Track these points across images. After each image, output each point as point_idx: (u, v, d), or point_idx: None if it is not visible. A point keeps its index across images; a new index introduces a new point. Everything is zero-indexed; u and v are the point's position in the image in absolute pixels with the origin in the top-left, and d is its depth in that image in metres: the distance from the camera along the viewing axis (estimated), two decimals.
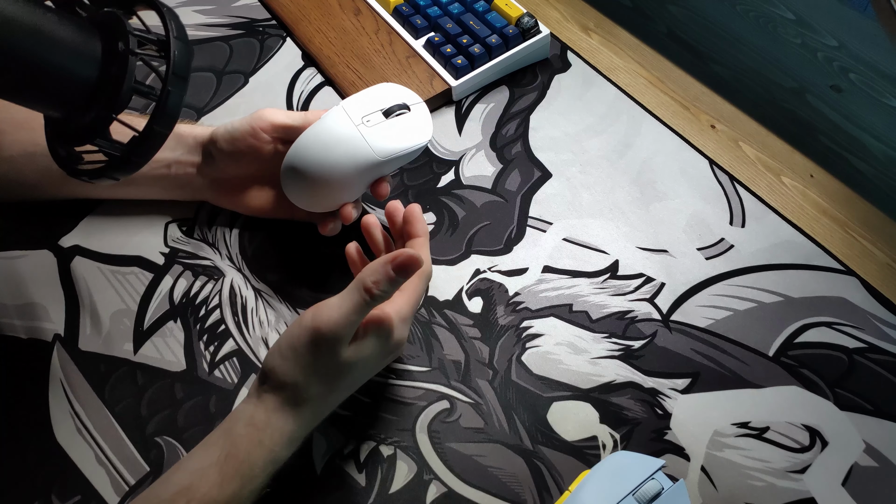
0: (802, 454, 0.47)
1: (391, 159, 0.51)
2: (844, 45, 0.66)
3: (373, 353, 0.44)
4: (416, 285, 0.47)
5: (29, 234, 0.58)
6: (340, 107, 0.51)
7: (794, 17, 0.69)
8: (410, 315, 0.46)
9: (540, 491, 0.46)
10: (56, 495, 0.47)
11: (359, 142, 0.50)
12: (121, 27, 0.37)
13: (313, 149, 0.50)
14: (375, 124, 0.51)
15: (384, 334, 0.44)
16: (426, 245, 0.49)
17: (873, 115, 0.67)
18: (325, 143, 0.50)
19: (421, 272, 0.47)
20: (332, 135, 0.50)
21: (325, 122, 0.51)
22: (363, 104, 0.51)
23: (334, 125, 0.50)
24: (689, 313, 0.54)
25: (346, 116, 0.51)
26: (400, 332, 0.45)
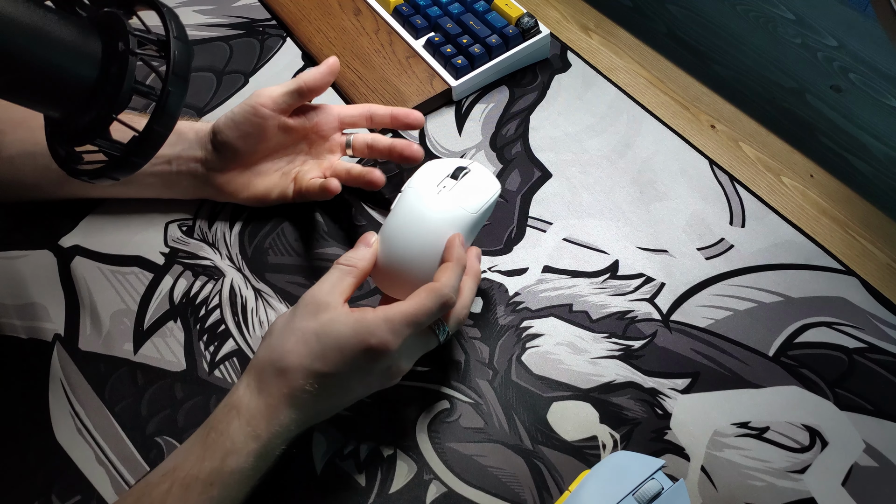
0: (802, 454, 0.47)
1: (480, 214, 0.48)
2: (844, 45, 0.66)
3: (347, 331, 0.41)
4: (419, 296, 0.43)
5: (29, 234, 0.58)
6: (409, 188, 0.48)
7: (795, 18, 0.69)
8: (400, 322, 0.42)
9: (540, 491, 0.46)
10: (56, 495, 0.47)
11: (445, 208, 0.47)
12: (121, 27, 0.37)
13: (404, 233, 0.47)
14: (451, 188, 0.48)
15: (361, 325, 0.42)
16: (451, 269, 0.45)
17: (873, 115, 0.67)
18: (415, 227, 0.46)
19: (429, 287, 0.43)
20: (417, 214, 0.47)
21: (404, 207, 0.47)
22: (429, 177, 0.49)
23: (416, 205, 0.47)
24: (689, 313, 0.54)
25: (422, 190, 0.48)
26: (380, 328, 0.42)
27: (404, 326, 0.42)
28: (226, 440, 0.41)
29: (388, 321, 0.42)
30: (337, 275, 0.45)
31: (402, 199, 0.48)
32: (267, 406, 0.42)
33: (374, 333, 0.41)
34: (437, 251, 0.46)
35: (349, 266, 0.45)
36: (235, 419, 0.41)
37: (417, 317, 0.42)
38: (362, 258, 0.46)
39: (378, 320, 0.42)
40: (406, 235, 0.47)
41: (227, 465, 0.41)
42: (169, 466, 0.41)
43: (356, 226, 0.59)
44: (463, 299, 0.46)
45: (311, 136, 0.58)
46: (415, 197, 0.48)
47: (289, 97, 0.54)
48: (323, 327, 0.42)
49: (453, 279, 0.44)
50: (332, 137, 0.59)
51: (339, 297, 0.43)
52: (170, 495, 0.40)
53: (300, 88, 0.54)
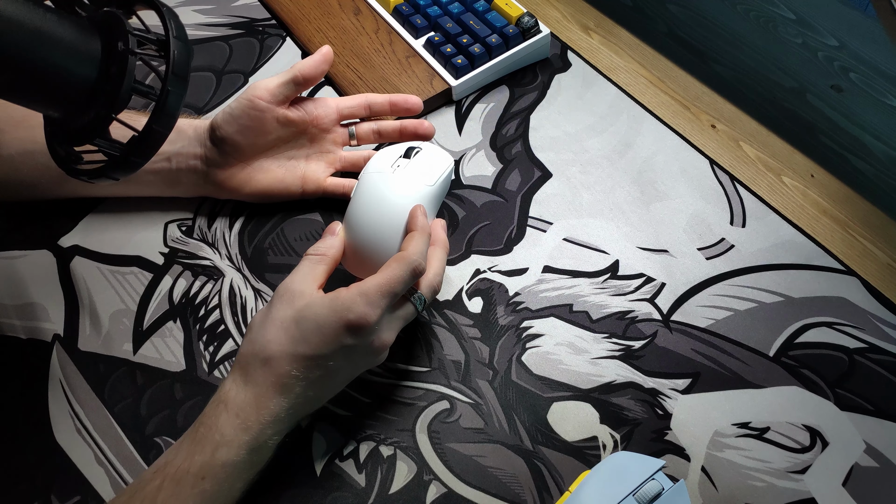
0: (803, 454, 0.47)
1: (435, 188, 0.50)
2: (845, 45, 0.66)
3: (323, 310, 0.42)
4: (388, 266, 0.44)
5: (29, 234, 0.58)
6: (366, 173, 0.50)
7: (795, 17, 0.69)
8: (373, 292, 0.43)
9: (540, 491, 0.46)
10: (55, 495, 0.46)
11: (399, 186, 0.49)
12: (120, 27, 0.37)
13: (366, 220, 0.48)
14: (404, 166, 0.50)
15: (337, 302, 0.42)
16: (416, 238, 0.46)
17: (874, 115, 0.67)
18: (373, 208, 0.48)
19: (397, 256, 0.44)
20: (375, 195, 0.48)
21: (362, 190, 0.49)
22: (383, 159, 0.51)
23: (372, 187, 0.49)
24: (689, 313, 0.53)
25: (376, 174, 0.49)
26: (355, 301, 0.42)
27: (379, 297, 0.43)
28: (215, 433, 0.41)
29: (363, 294, 0.43)
30: (308, 265, 0.46)
31: (360, 184, 0.49)
32: (255, 396, 0.42)
33: (350, 308, 0.42)
34: (401, 227, 0.48)
35: (319, 255, 0.46)
36: (224, 412, 0.42)
37: (391, 286, 0.43)
38: (330, 246, 0.47)
39: (353, 295, 0.43)
40: (370, 217, 0.48)
41: (218, 457, 0.41)
42: (160, 463, 0.42)
43: None
44: (433, 267, 0.48)
45: (310, 129, 0.57)
46: (372, 180, 0.49)
47: (285, 87, 0.54)
48: (300, 312, 0.43)
49: (419, 245, 0.45)
50: (333, 129, 0.59)
51: (313, 285, 0.44)
52: (161, 490, 0.40)
53: (295, 78, 0.54)
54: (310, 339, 0.42)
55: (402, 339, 0.53)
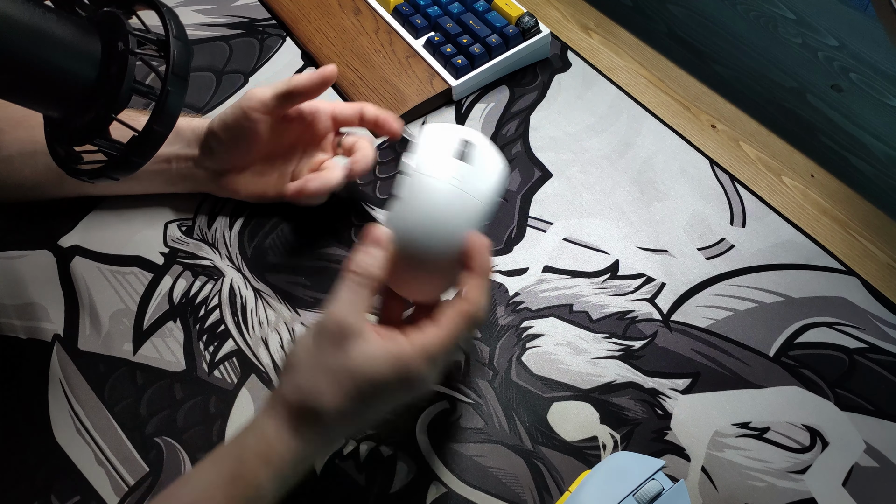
0: (803, 454, 0.47)
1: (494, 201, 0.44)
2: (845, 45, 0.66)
3: (384, 369, 0.39)
4: (453, 321, 0.40)
5: (28, 234, 0.58)
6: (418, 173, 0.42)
7: (795, 17, 0.69)
8: (438, 352, 0.40)
9: (540, 491, 0.46)
10: (55, 495, 0.46)
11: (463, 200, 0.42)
12: (120, 27, 0.37)
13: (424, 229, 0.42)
14: (462, 171, 0.42)
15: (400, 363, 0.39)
16: (480, 286, 0.42)
17: (874, 115, 0.67)
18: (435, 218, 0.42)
19: (461, 310, 0.40)
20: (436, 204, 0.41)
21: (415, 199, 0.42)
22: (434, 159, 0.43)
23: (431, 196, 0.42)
24: (689, 313, 0.53)
25: (435, 179, 0.42)
26: (418, 364, 0.39)
27: (441, 354, 0.40)
28: (253, 491, 0.39)
29: (426, 353, 0.39)
30: (352, 290, 0.40)
31: (414, 189, 0.42)
32: (300, 450, 0.40)
33: (412, 369, 0.39)
34: (455, 246, 0.42)
35: (363, 276, 0.41)
36: (265, 468, 0.39)
37: (453, 342, 0.40)
38: (377, 264, 0.41)
39: (416, 355, 0.39)
40: (421, 230, 0.42)
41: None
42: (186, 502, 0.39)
43: (356, 225, 0.59)
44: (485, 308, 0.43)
45: (305, 136, 0.57)
46: (429, 186, 0.42)
47: (278, 100, 0.52)
48: (358, 365, 0.39)
49: (482, 295, 0.41)
50: (328, 136, 0.58)
51: (361, 317, 0.40)
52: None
53: (290, 91, 0.52)
54: (366, 396, 0.39)
55: None
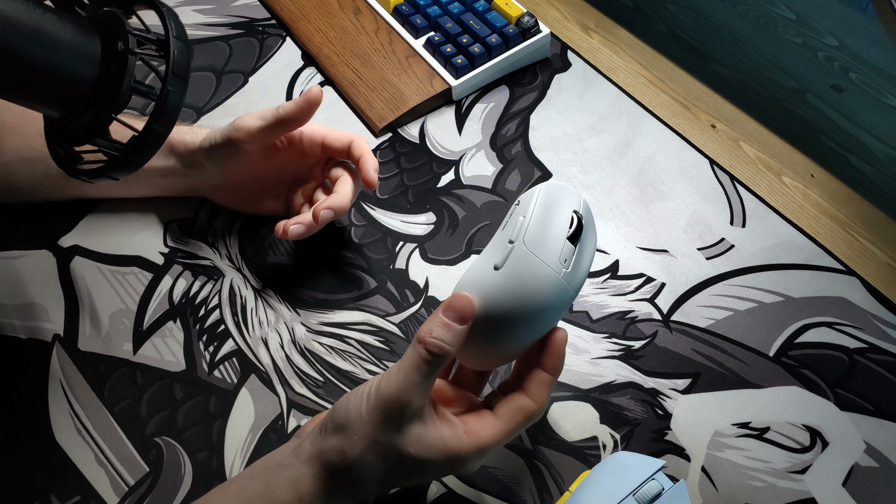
0: (803, 454, 0.47)
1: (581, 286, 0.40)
2: (845, 45, 0.66)
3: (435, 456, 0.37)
4: (514, 418, 0.39)
5: (28, 234, 0.58)
6: (530, 253, 0.37)
7: (795, 17, 0.69)
8: (491, 446, 0.38)
9: (540, 491, 0.46)
10: (55, 495, 0.46)
11: (566, 293, 0.38)
12: (120, 27, 0.37)
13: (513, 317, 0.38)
14: (573, 263, 0.38)
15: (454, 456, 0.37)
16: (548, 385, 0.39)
17: (874, 115, 0.67)
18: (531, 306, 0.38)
19: (524, 407, 0.39)
20: (538, 295, 0.37)
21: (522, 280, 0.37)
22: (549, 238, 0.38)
23: (538, 283, 0.37)
24: (689, 313, 0.53)
25: (546, 266, 0.37)
26: (470, 456, 0.38)
27: (494, 448, 0.39)
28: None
29: (480, 446, 0.38)
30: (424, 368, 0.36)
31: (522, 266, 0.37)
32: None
33: (461, 458, 0.38)
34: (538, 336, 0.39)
35: (438, 352, 0.36)
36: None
37: (508, 438, 0.39)
38: (456, 343, 0.37)
39: (470, 447, 0.37)
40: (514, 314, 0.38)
41: None
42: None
43: (356, 225, 0.59)
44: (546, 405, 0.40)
45: (296, 161, 0.56)
46: (539, 271, 0.37)
47: (265, 131, 0.51)
48: (409, 447, 0.37)
49: (547, 394, 0.39)
50: (317, 163, 0.56)
51: (425, 399, 0.37)
52: None
53: (278, 121, 0.51)
54: (411, 475, 0.38)
55: (402, 340, 0.53)
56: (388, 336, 0.53)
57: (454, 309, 0.37)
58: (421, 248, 0.57)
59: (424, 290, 0.55)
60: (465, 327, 0.37)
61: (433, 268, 0.56)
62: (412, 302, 0.54)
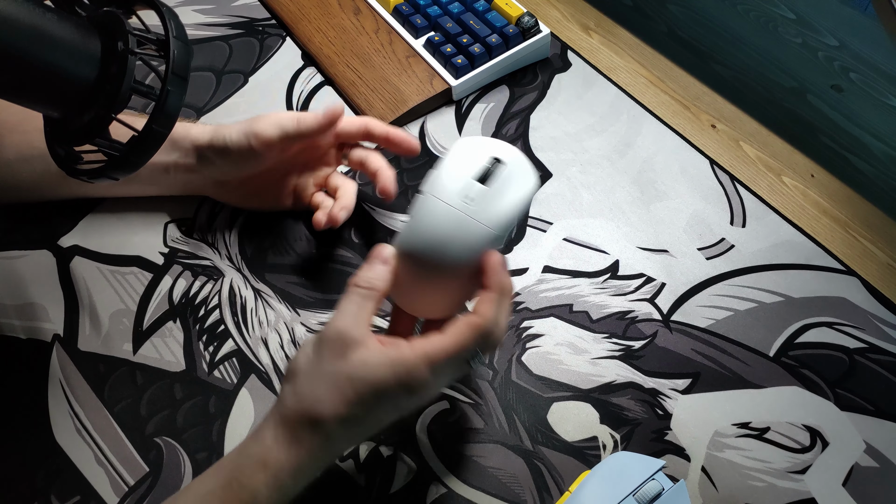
0: (803, 454, 0.47)
1: (511, 228, 0.43)
2: (845, 45, 0.66)
3: (384, 373, 0.38)
4: (459, 330, 0.40)
5: (28, 234, 0.58)
6: (429, 195, 0.42)
7: (795, 17, 0.69)
8: (440, 358, 0.39)
9: (540, 491, 0.46)
10: (55, 495, 0.46)
11: (471, 226, 0.41)
12: (120, 27, 0.37)
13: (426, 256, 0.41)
14: (478, 198, 0.41)
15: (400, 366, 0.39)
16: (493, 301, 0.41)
17: (874, 115, 0.67)
18: (437, 245, 0.41)
19: (469, 321, 0.40)
20: (440, 231, 0.41)
21: (425, 220, 0.41)
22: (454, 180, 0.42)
23: (437, 219, 0.41)
24: (689, 313, 0.53)
25: (444, 204, 0.41)
26: (419, 369, 0.39)
27: (444, 364, 0.39)
28: (248, 494, 0.39)
29: (428, 359, 0.39)
30: (356, 301, 0.41)
31: (424, 210, 0.42)
32: (299, 458, 0.39)
33: (412, 374, 0.39)
34: (469, 268, 0.42)
35: (367, 289, 0.41)
36: (262, 473, 0.39)
37: (458, 353, 0.39)
38: (380, 278, 0.42)
39: (417, 360, 0.39)
40: (433, 253, 0.41)
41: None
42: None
43: (356, 225, 0.59)
44: (501, 326, 0.41)
45: (307, 152, 0.56)
46: (439, 209, 0.41)
47: (284, 143, 0.52)
48: (356, 370, 0.39)
49: (496, 312, 0.40)
50: (329, 151, 0.57)
51: (365, 328, 0.40)
52: None
53: (299, 134, 0.52)
54: (365, 402, 0.39)
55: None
56: None
57: (374, 254, 0.43)
58: None
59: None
60: (384, 266, 0.42)
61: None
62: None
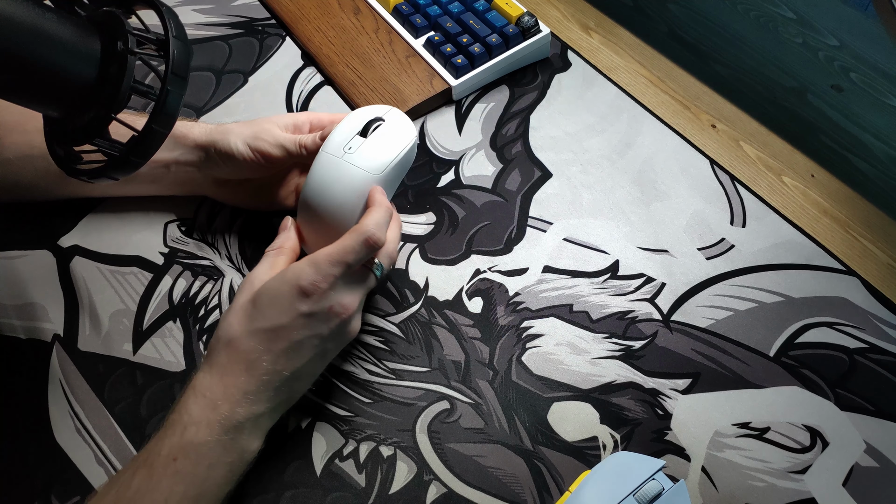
0: (803, 454, 0.47)
1: (387, 172, 0.49)
2: (845, 45, 0.66)
3: (276, 282, 0.44)
4: (343, 239, 0.45)
5: (28, 234, 0.58)
6: (322, 154, 0.49)
7: (795, 17, 0.69)
8: (326, 263, 0.43)
9: (540, 491, 0.46)
10: (55, 495, 0.46)
11: (350, 171, 0.48)
12: (120, 26, 0.37)
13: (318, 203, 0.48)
14: (357, 148, 0.49)
15: (289, 272, 0.44)
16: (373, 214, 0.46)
17: (874, 115, 0.67)
18: (325, 191, 0.48)
19: (354, 228, 0.45)
20: (326, 178, 0.48)
21: (315, 173, 0.49)
22: (340, 136, 0.49)
23: (323, 169, 0.48)
24: (689, 313, 0.53)
25: (329, 155, 0.49)
26: (306, 271, 0.43)
27: (329, 265, 0.43)
28: (184, 415, 0.42)
29: (313, 263, 0.44)
30: (268, 259, 0.47)
31: (315, 166, 0.49)
32: (221, 375, 0.43)
33: (300, 276, 0.43)
34: (357, 208, 0.48)
35: (276, 248, 0.48)
36: (191, 395, 0.43)
37: (341, 255, 0.44)
38: (286, 238, 0.48)
39: (302, 265, 0.44)
40: (324, 199, 0.48)
41: (187, 437, 0.41)
42: (137, 455, 0.42)
43: None
44: (390, 238, 0.48)
45: None
46: (326, 162, 0.49)
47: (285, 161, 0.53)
48: (257, 292, 0.44)
49: (376, 218, 0.45)
50: None
51: (272, 273, 0.46)
52: (136, 476, 0.40)
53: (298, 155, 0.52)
54: (266, 312, 0.43)
55: (402, 340, 0.53)
56: (387, 336, 0.53)
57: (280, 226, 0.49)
58: (421, 247, 0.57)
59: (424, 289, 0.55)
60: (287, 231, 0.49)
61: (433, 268, 0.56)
62: (412, 302, 0.54)
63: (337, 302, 0.44)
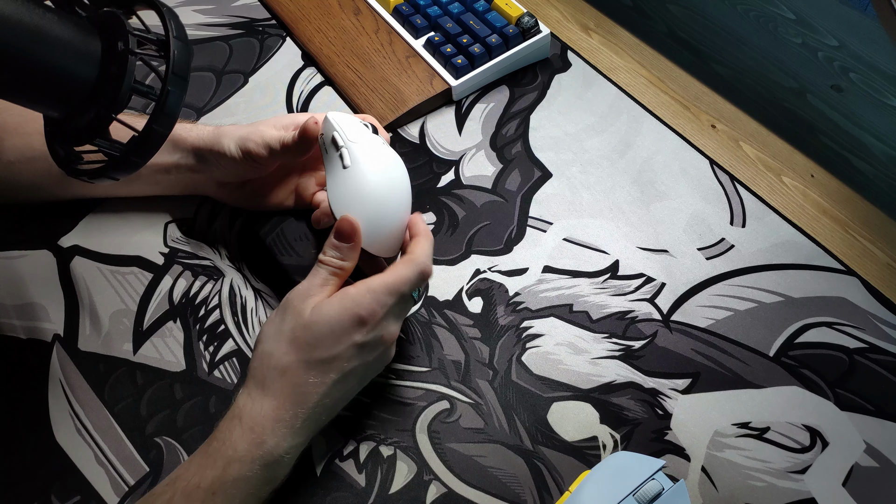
0: (803, 454, 0.47)
1: None
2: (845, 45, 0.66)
3: (332, 309, 0.42)
4: (399, 268, 0.44)
5: (29, 234, 0.58)
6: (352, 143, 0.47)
7: (795, 17, 0.69)
8: (384, 293, 0.43)
9: (540, 491, 0.46)
10: (55, 495, 0.46)
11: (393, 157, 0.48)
12: (120, 27, 0.37)
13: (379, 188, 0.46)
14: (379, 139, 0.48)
15: (347, 300, 0.42)
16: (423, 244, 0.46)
17: (874, 115, 0.67)
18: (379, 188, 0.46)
19: (410, 259, 0.45)
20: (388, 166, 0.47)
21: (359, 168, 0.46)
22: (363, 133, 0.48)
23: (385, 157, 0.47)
24: (689, 313, 0.53)
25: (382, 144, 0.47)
26: (366, 300, 0.42)
27: (387, 295, 0.43)
28: (228, 448, 0.40)
29: (372, 291, 0.43)
30: (323, 276, 0.44)
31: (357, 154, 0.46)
32: (272, 409, 0.41)
33: (360, 304, 0.42)
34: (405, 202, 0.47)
35: (336, 269, 0.45)
36: (238, 427, 0.41)
37: (398, 286, 0.44)
38: (350, 259, 0.45)
39: (362, 292, 0.43)
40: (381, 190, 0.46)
41: (230, 473, 0.40)
42: (172, 477, 0.41)
43: None
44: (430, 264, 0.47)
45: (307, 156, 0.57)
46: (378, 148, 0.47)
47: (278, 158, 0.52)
48: (310, 317, 0.42)
49: (426, 249, 0.46)
50: None
51: (323, 295, 0.44)
52: None
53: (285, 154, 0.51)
54: (323, 342, 0.42)
55: (402, 340, 0.53)
56: None
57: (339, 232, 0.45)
58: None
59: (425, 290, 0.55)
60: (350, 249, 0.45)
61: (433, 268, 0.56)
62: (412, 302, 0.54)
63: (387, 330, 0.44)
